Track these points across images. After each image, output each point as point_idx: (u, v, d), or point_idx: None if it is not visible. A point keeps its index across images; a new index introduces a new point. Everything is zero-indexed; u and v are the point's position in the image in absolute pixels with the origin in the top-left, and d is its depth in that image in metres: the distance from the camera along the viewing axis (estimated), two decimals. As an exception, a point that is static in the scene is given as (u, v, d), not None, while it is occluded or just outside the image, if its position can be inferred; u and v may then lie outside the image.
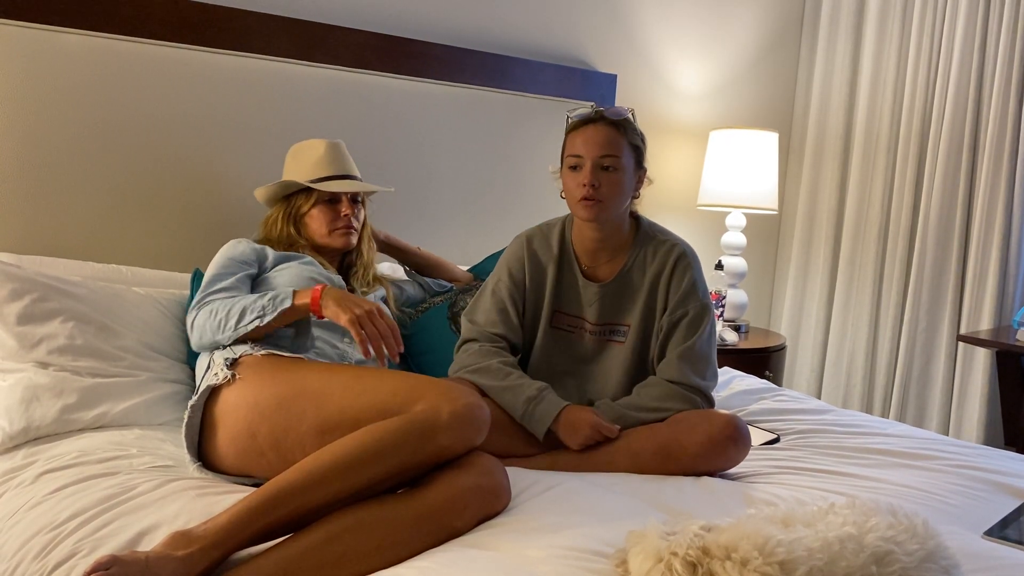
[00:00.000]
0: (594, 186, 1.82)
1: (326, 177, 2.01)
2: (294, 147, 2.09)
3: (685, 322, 1.89)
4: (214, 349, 1.75)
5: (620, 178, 1.85)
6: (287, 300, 1.67)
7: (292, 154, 2.08)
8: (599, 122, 1.86)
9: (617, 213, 1.89)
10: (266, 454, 1.55)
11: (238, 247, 1.91)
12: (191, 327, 1.76)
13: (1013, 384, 2.87)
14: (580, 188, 1.83)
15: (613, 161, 1.84)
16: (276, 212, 2.04)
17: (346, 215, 2.00)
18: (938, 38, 3.22)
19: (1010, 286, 3.08)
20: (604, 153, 1.83)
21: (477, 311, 1.98)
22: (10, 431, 1.72)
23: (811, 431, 2.10)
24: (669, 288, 1.91)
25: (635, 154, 1.90)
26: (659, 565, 1.14)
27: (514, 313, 1.94)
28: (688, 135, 3.36)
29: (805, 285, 3.64)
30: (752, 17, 3.46)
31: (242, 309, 1.68)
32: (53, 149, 2.17)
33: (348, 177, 2.05)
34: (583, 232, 1.93)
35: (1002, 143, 3.04)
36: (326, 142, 2.05)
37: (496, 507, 1.44)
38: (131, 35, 2.21)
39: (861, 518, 1.23)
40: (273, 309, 1.66)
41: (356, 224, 2.03)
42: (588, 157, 1.83)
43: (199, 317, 1.74)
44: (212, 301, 1.75)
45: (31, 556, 1.35)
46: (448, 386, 1.50)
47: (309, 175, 2.01)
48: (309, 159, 2.03)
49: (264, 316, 1.66)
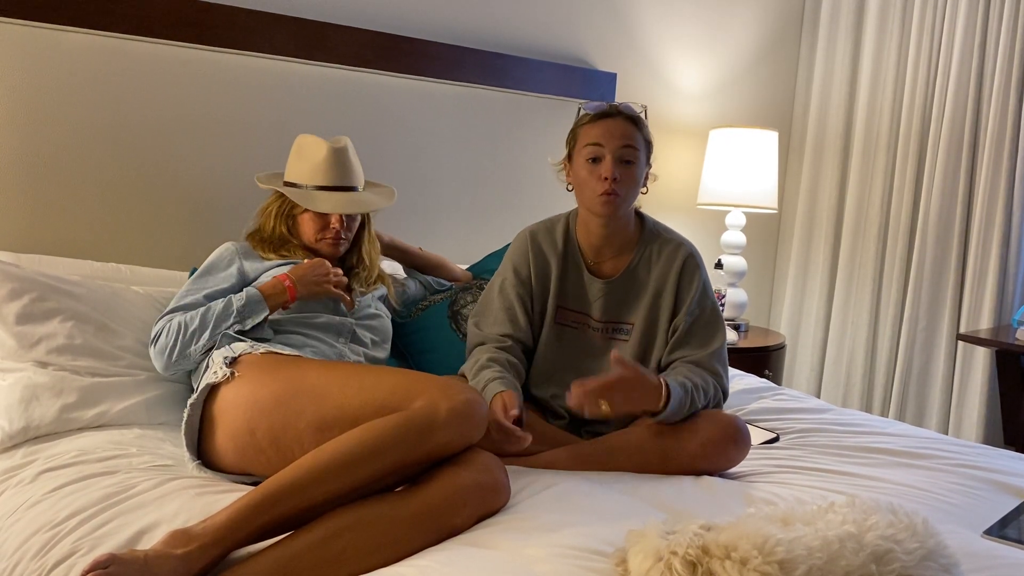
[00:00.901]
0: (615, 178, 1.81)
1: (323, 186, 1.96)
2: (301, 139, 2.03)
3: (702, 323, 1.90)
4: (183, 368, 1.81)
5: (636, 173, 1.86)
6: (260, 312, 1.80)
7: (297, 147, 2.02)
8: (616, 116, 1.86)
9: (628, 208, 1.89)
10: (265, 451, 1.55)
11: (220, 270, 1.92)
12: (156, 349, 1.79)
13: (1013, 383, 2.87)
14: (601, 182, 1.82)
15: (632, 153, 1.84)
16: (272, 204, 2.01)
17: (335, 228, 1.96)
18: (938, 37, 3.22)
19: (1010, 285, 3.08)
20: (625, 144, 1.83)
21: (485, 315, 1.97)
22: (9, 430, 1.72)
23: (811, 430, 2.10)
24: (679, 289, 1.91)
25: (647, 149, 1.90)
26: (659, 564, 1.14)
27: (522, 311, 1.93)
28: (688, 134, 3.36)
29: (805, 284, 3.64)
30: (752, 16, 3.46)
31: (215, 323, 1.75)
32: (52, 147, 2.17)
33: (346, 187, 1.99)
34: (589, 228, 1.92)
35: (1002, 141, 3.04)
36: (329, 147, 1.97)
37: (495, 505, 1.44)
38: (131, 34, 2.21)
39: (861, 517, 1.23)
40: (252, 299, 1.79)
41: (347, 236, 1.99)
42: (609, 149, 1.82)
43: (162, 339, 1.77)
44: (174, 318, 1.79)
45: (30, 555, 1.35)
46: (446, 383, 1.50)
47: (307, 178, 1.96)
48: (309, 161, 1.97)
49: (242, 315, 1.77)
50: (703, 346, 1.89)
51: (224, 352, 1.69)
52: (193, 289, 1.85)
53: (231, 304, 1.77)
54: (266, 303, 1.80)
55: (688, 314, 1.90)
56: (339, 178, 1.98)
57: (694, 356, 1.87)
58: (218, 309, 1.77)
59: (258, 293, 1.80)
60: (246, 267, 1.91)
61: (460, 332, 2.17)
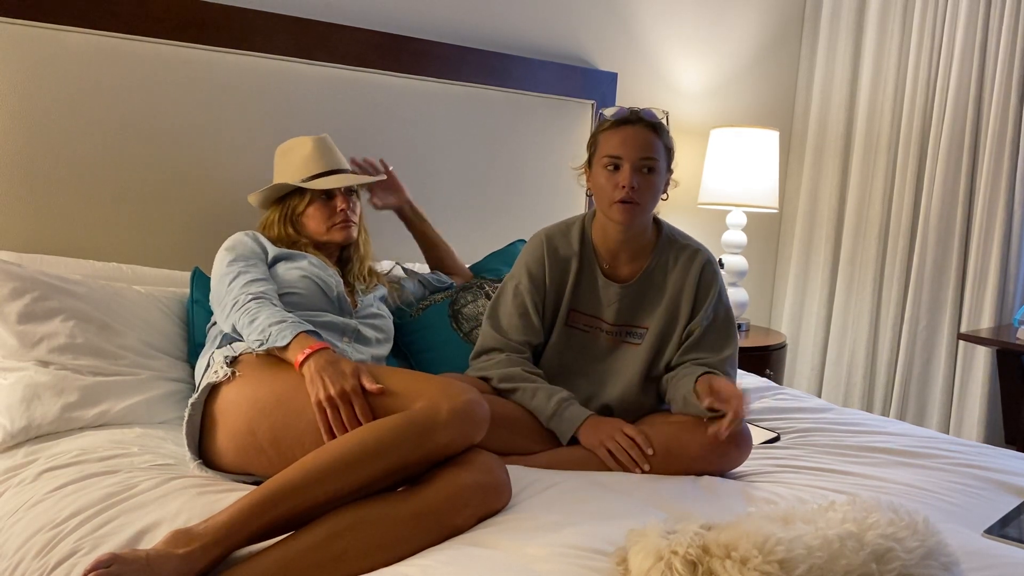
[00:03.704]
0: (633, 188, 1.81)
1: (317, 174, 2.00)
2: (281, 147, 2.08)
3: (715, 329, 1.90)
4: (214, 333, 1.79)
5: (656, 181, 1.85)
6: (284, 339, 1.61)
7: (280, 154, 2.07)
8: (637, 124, 1.84)
9: (648, 215, 1.89)
10: (266, 451, 1.55)
11: (246, 243, 1.89)
12: (227, 306, 1.72)
13: (1013, 383, 2.87)
14: (619, 190, 1.81)
15: (651, 163, 1.83)
16: (272, 215, 2.02)
17: (342, 210, 1.98)
18: (939, 37, 3.22)
19: (1010, 285, 3.07)
20: (644, 155, 1.82)
21: (499, 317, 1.96)
22: (11, 429, 1.72)
23: (811, 430, 2.11)
24: (697, 295, 1.91)
25: (668, 156, 1.89)
26: (659, 564, 1.14)
27: (535, 315, 1.93)
28: (689, 133, 3.36)
29: (806, 283, 3.64)
30: (753, 15, 3.46)
31: (252, 323, 1.66)
32: (54, 148, 2.17)
33: (339, 171, 2.03)
34: (607, 232, 1.92)
35: (1003, 141, 3.04)
36: (312, 138, 2.03)
37: (496, 505, 1.44)
38: (133, 34, 2.21)
39: (861, 516, 1.23)
40: (272, 342, 1.62)
41: (354, 217, 2.02)
42: (627, 159, 1.82)
43: (232, 314, 1.70)
44: (251, 300, 1.70)
45: (32, 554, 1.35)
46: (448, 383, 1.50)
47: (300, 174, 1.99)
48: (298, 157, 2.01)
49: (263, 343, 1.63)
50: (717, 351, 1.89)
51: (225, 351, 1.69)
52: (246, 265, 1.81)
53: (267, 331, 1.64)
54: (287, 348, 1.64)
55: (704, 319, 1.90)
56: (330, 163, 2.02)
57: (707, 360, 1.87)
58: (262, 324, 1.65)
59: (288, 339, 1.63)
60: (262, 244, 1.91)
61: (461, 331, 2.17)
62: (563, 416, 1.80)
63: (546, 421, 1.81)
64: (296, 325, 1.64)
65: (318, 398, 1.50)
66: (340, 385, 1.50)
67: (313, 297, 1.86)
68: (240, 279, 1.76)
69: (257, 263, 1.83)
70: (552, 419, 1.80)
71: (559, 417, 1.80)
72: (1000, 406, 2.99)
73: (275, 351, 1.63)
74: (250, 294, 1.71)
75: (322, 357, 1.56)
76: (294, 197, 2.01)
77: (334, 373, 1.52)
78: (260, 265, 1.84)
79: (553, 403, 1.80)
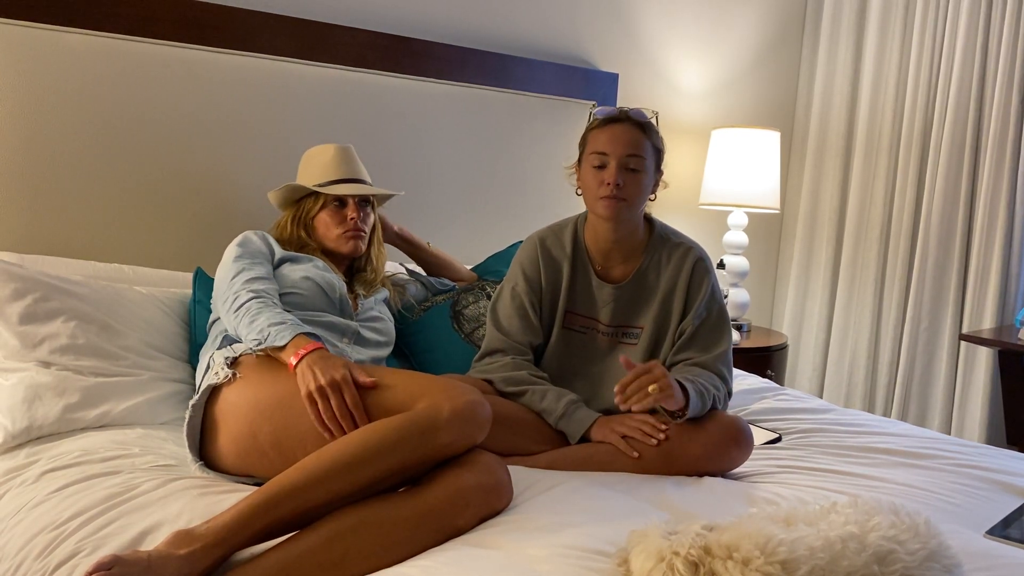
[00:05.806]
0: (619, 185, 1.82)
1: (335, 180, 2.01)
2: (307, 152, 2.09)
3: (708, 326, 1.90)
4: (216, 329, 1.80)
5: (643, 179, 1.86)
6: (283, 340, 1.60)
7: (304, 159, 2.09)
8: (625, 122, 1.86)
9: (636, 214, 1.89)
10: (267, 453, 1.55)
11: (254, 242, 1.90)
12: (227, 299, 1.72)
13: (1015, 383, 2.87)
14: (604, 187, 1.83)
15: (638, 162, 1.84)
16: (286, 216, 2.04)
17: (353, 219, 1.98)
18: (940, 37, 3.22)
19: (1012, 285, 3.07)
20: (630, 152, 1.84)
21: (501, 319, 1.96)
22: (12, 430, 1.72)
23: (813, 430, 2.10)
24: (688, 293, 1.91)
25: (656, 156, 1.90)
26: (661, 564, 1.14)
27: (534, 316, 1.94)
28: (690, 134, 3.35)
29: (807, 284, 3.64)
30: (754, 16, 3.46)
31: (252, 323, 1.65)
32: (55, 148, 2.17)
33: (357, 181, 2.04)
34: (598, 232, 1.93)
35: (1004, 142, 3.04)
36: (336, 146, 2.05)
37: (498, 506, 1.44)
38: (133, 35, 2.21)
39: (863, 517, 1.23)
40: (269, 342, 1.61)
41: (364, 228, 2.01)
42: (614, 156, 1.83)
43: (231, 312, 1.70)
44: (253, 299, 1.69)
45: (33, 555, 1.35)
46: (450, 384, 1.50)
47: (318, 179, 2.01)
48: (318, 162, 2.03)
49: (261, 343, 1.62)
50: (709, 349, 1.89)
51: (225, 352, 1.69)
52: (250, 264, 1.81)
53: (266, 331, 1.63)
54: (284, 348, 1.63)
55: (696, 317, 1.90)
56: (349, 172, 2.03)
57: (700, 358, 1.88)
58: (261, 324, 1.64)
59: (286, 340, 1.62)
60: (269, 245, 1.92)
61: (462, 332, 2.17)
62: (573, 417, 1.80)
63: (555, 422, 1.81)
64: (295, 327, 1.63)
65: (308, 389, 1.49)
66: (331, 375, 1.49)
67: (314, 297, 1.86)
68: (243, 275, 1.77)
69: (262, 262, 1.84)
70: (562, 420, 1.81)
71: (569, 418, 1.80)
72: (1002, 407, 2.99)
73: (271, 351, 1.62)
74: (251, 291, 1.72)
75: (315, 354, 1.56)
76: (308, 200, 2.02)
77: (324, 365, 1.52)
78: (265, 264, 1.85)
79: (563, 404, 1.81)
